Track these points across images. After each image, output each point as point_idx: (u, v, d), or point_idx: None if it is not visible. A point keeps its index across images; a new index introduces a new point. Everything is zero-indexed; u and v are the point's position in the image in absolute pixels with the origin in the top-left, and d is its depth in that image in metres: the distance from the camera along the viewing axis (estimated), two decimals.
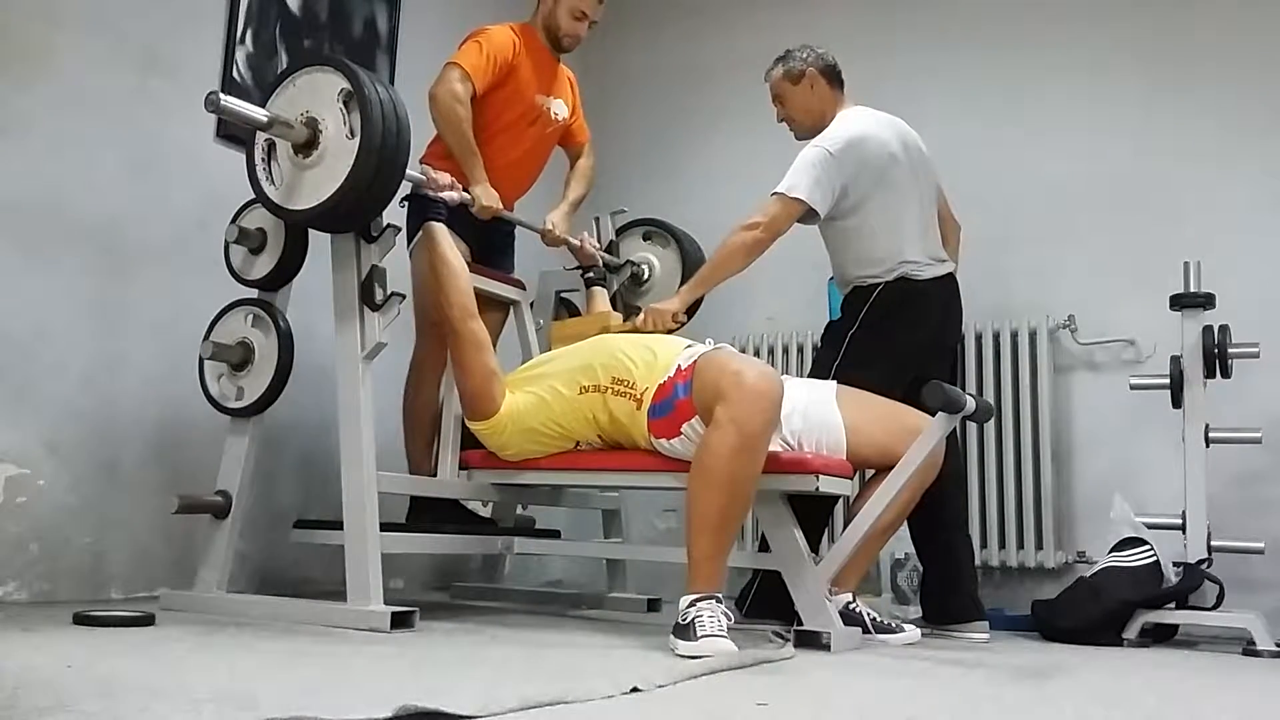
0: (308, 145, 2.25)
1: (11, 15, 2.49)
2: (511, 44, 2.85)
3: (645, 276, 3.29)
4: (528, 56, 2.91)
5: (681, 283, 3.14)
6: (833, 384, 2.53)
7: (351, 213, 2.27)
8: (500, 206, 2.78)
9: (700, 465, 2.10)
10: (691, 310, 2.83)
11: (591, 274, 3.06)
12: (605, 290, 3.07)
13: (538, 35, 2.98)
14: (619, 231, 3.35)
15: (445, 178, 2.52)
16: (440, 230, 2.49)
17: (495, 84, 2.82)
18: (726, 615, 2.01)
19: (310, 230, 2.52)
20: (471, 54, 2.79)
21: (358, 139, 2.17)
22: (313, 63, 2.32)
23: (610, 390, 2.37)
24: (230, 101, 2.14)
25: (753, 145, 3.81)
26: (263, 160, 2.33)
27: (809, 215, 2.70)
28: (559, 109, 3.04)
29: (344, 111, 2.21)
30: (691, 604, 2.01)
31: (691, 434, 2.25)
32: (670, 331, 2.70)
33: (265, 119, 2.20)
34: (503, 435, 2.48)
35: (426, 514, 2.81)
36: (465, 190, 2.63)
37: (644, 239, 3.38)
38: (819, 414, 2.42)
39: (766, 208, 2.68)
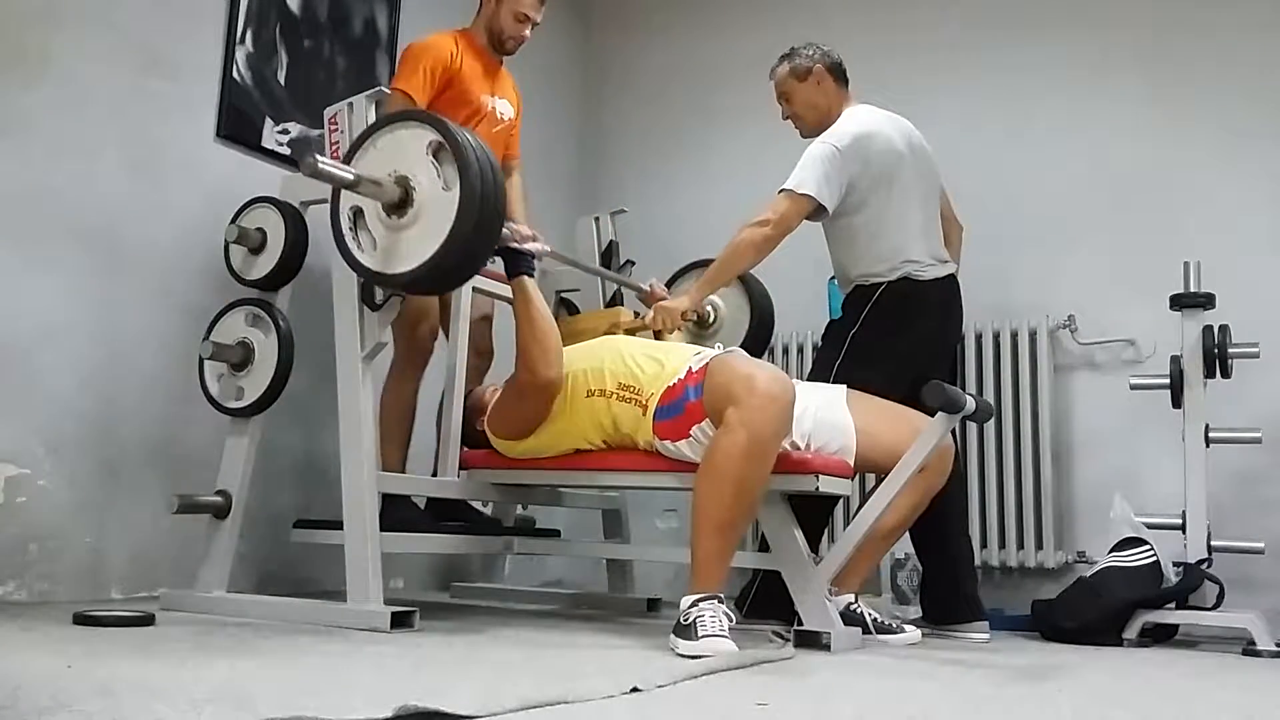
0: (401, 205, 2.12)
1: (12, 15, 2.49)
2: (448, 50, 2.84)
3: (712, 319, 3.19)
4: (469, 57, 2.91)
5: (750, 321, 3.12)
6: (842, 388, 2.53)
7: (458, 267, 2.15)
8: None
9: (709, 466, 2.10)
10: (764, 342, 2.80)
11: None
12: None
13: (478, 38, 2.97)
14: (676, 276, 3.28)
15: (526, 229, 2.46)
16: (533, 286, 2.41)
17: (439, 90, 2.81)
18: (728, 616, 2.01)
19: (310, 229, 2.52)
20: (405, 75, 2.78)
21: (457, 190, 2.06)
22: (391, 121, 2.20)
23: (615, 396, 2.36)
24: (325, 163, 2.03)
25: (753, 145, 3.82)
26: (350, 230, 2.20)
27: (817, 212, 2.69)
28: (504, 109, 3.03)
29: (435, 165, 2.10)
30: (694, 604, 2.01)
31: (701, 436, 2.24)
32: (677, 329, 2.71)
33: (352, 177, 2.09)
34: (517, 445, 2.51)
35: (430, 512, 2.82)
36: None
37: None
38: (830, 416, 2.42)
39: (775, 205, 2.67)
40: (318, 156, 2.02)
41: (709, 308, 3.18)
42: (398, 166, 2.14)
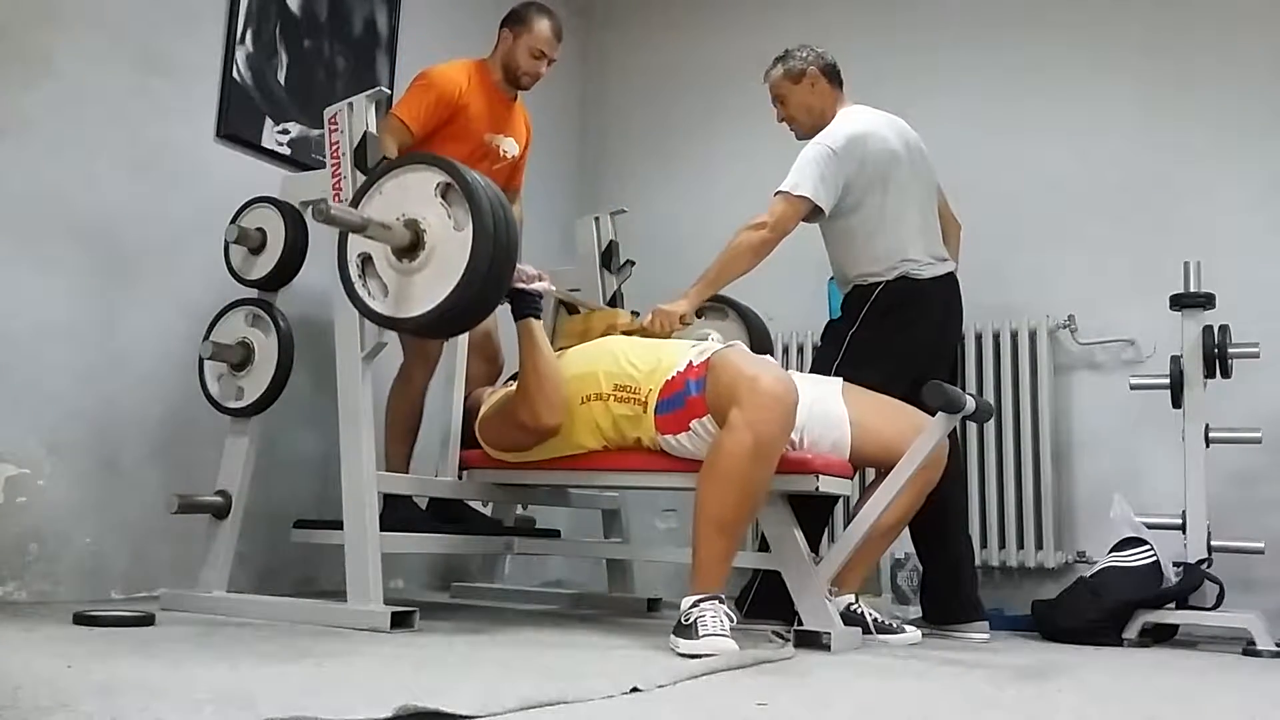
0: (411, 248, 2.11)
1: (11, 15, 2.49)
2: (458, 84, 2.85)
3: None
4: (479, 94, 2.91)
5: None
6: (839, 380, 2.53)
7: (472, 308, 2.12)
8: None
9: (713, 467, 2.09)
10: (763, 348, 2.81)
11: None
12: None
13: (493, 72, 2.98)
14: None
15: (531, 269, 2.44)
16: (539, 329, 2.37)
17: (441, 123, 2.82)
18: (729, 616, 2.01)
19: (310, 229, 2.52)
20: (408, 102, 2.80)
21: (469, 229, 2.04)
22: (396, 166, 2.19)
23: (612, 397, 2.36)
24: (336, 209, 2.03)
25: (752, 145, 3.82)
26: (359, 277, 2.18)
27: (814, 213, 2.70)
28: (509, 147, 3.03)
29: (445, 205, 2.09)
30: (695, 604, 2.01)
31: (701, 431, 2.24)
32: (674, 331, 2.71)
33: (361, 221, 2.07)
34: (505, 454, 2.52)
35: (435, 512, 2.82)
36: None
37: (697, 315, 3.31)
38: (824, 409, 2.42)
39: (772, 207, 2.68)
40: (329, 202, 2.02)
41: (710, 340, 3.16)
42: (406, 210, 2.12)
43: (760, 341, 3.09)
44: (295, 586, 2.86)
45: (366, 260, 2.18)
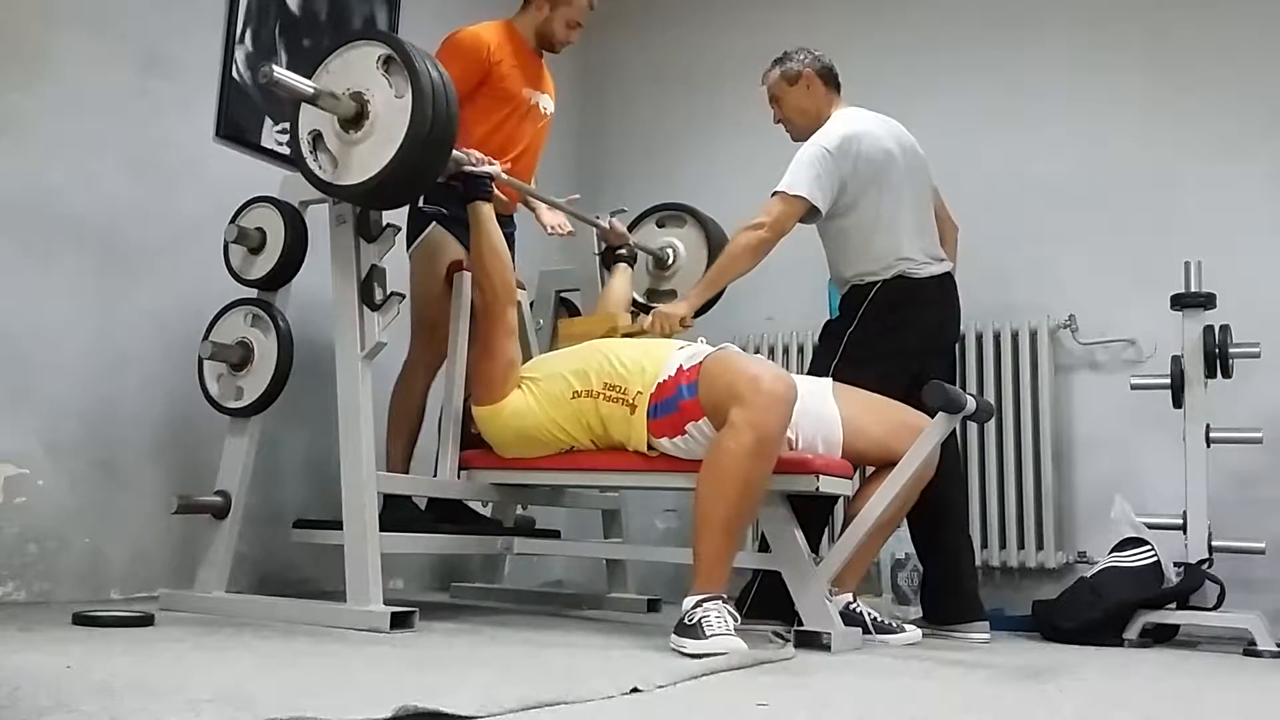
0: (357, 119, 2.22)
1: (11, 15, 2.49)
2: (485, 44, 2.84)
3: (670, 260, 3.25)
4: (508, 51, 2.90)
5: (709, 259, 3.14)
6: (828, 380, 2.54)
7: (414, 173, 2.22)
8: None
9: (715, 467, 2.10)
10: (702, 310, 2.83)
11: (623, 251, 3.06)
12: (629, 268, 3.05)
13: (520, 33, 2.97)
14: (630, 227, 3.32)
15: (480, 154, 2.54)
16: (489, 211, 2.50)
17: (476, 83, 2.80)
18: (733, 615, 2.00)
19: (310, 230, 2.52)
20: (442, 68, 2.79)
21: (409, 94, 2.15)
22: (339, 45, 2.29)
23: (602, 395, 2.37)
24: (283, 74, 2.13)
25: (753, 144, 3.81)
26: (310, 154, 2.30)
27: (810, 213, 2.70)
28: (546, 103, 3.04)
29: (386, 76, 2.20)
30: (697, 604, 2.01)
31: (697, 433, 2.25)
32: (674, 334, 2.71)
33: (311, 90, 2.19)
34: (501, 428, 2.49)
35: (432, 512, 2.82)
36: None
37: (659, 225, 3.36)
38: (815, 408, 2.42)
39: (769, 207, 2.68)
40: (274, 68, 2.12)
41: (668, 249, 3.23)
42: (351, 85, 2.23)
43: (718, 242, 3.14)
44: (295, 586, 2.86)
45: (317, 137, 2.30)
